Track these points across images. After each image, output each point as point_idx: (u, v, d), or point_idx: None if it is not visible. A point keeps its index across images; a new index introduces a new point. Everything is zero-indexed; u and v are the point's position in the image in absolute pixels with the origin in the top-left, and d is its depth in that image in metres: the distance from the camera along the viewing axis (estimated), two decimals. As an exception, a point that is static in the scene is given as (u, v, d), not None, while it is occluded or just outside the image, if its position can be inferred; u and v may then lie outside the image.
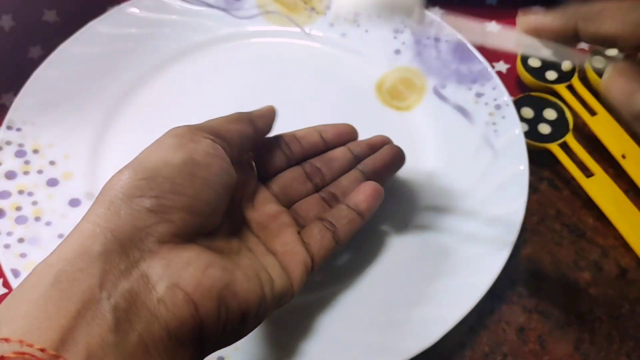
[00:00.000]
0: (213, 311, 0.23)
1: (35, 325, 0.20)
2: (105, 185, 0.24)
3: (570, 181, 0.40)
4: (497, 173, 0.37)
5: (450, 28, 0.43)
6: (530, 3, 0.48)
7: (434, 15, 0.44)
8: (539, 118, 0.41)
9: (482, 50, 0.42)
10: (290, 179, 0.33)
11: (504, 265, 0.33)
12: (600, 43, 0.26)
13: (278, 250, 0.29)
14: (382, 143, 0.35)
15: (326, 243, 0.30)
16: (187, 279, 0.23)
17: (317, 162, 0.33)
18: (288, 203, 0.32)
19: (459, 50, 0.42)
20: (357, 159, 0.34)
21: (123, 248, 0.22)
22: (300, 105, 0.41)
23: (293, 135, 0.33)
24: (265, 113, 0.32)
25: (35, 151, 0.38)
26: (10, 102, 0.40)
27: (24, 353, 0.19)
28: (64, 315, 0.20)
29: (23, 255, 0.34)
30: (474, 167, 0.38)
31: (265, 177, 0.33)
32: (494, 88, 0.40)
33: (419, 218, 0.37)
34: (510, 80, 0.44)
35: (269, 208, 0.31)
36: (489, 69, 0.41)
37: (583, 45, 0.46)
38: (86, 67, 0.42)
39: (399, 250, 0.35)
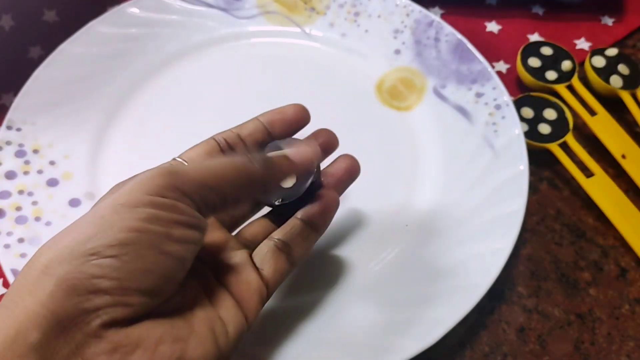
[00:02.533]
0: None
1: None
2: (61, 247, 0.21)
3: (570, 181, 0.40)
4: (497, 173, 0.37)
5: (450, 28, 0.43)
6: (531, 2, 0.48)
7: (434, 15, 0.44)
8: (539, 118, 0.41)
9: (482, 50, 0.42)
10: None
11: (504, 265, 0.33)
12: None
13: (230, 280, 0.26)
14: (332, 146, 0.32)
15: (280, 267, 0.28)
16: None
17: None
18: (231, 226, 0.30)
19: (459, 50, 0.42)
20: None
21: (66, 332, 0.20)
22: (300, 105, 0.41)
23: (237, 136, 0.30)
24: (292, 172, 0.27)
25: (35, 151, 0.38)
26: (10, 102, 0.40)
27: None
28: None
29: (23, 256, 0.34)
30: (474, 167, 0.38)
31: None
32: (494, 88, 0.40)
33: (418, 218, 0.37)
34: (510, 80, 0.44)
35: (213, 234, 0.28)
36: (489, 69, 0.41)
37: (583, 45, 0.46)
38: (86, 67, 0.42)
39: (398, 250, 0.35)
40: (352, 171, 0.32)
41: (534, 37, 0.47)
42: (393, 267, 0.35)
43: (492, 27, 0.47)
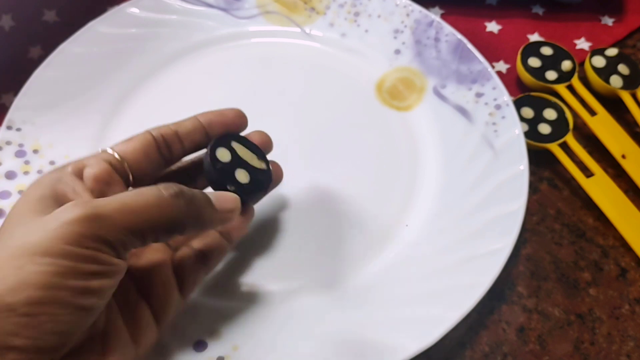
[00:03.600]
0: None
1: None
2: None
3: (570, 181, 0.40)
4: (497, 173, 0.37)
5: (450, 28, 0.43)
6: (531, 2, 0.48)
7: (434, 15, 0.44)
8: (539, 118, 0.41)
9: (482, 50, 0.42)
10: None
11: (504, 265, 0.33)
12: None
13: (152, 292, 0.27)
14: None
15: (199, 278, 0.29)
16: None
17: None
18: None
19: (459, 50, 0.42)
20: None
21: None
22: (299, 105, 0.41)
23: (175, 133, 0.29)
24: (212, 221, 0.27)
25: (35, 151, 0.38)
26: (10, 102, 0.40)
27: None
28: None
29: (23, 255, 0.34)
30: (474, 167, 0.38)
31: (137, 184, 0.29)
32: (494, 88, 0.40)
33: (418, 218, 0.37)
34: (510, 80, 0.44)
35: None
36: (489, 69, 0.41)
37: (583, 45, 0.46)
38: (86, 67, 0.42)
39: (398, 250, 0.35)
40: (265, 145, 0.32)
41: (534, 37, 0.47)
42: (393, 267, 0.35)
43: (492, 27, 0.47)
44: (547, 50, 0.44)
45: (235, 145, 0.30)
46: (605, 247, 0.37)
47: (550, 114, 0.41)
